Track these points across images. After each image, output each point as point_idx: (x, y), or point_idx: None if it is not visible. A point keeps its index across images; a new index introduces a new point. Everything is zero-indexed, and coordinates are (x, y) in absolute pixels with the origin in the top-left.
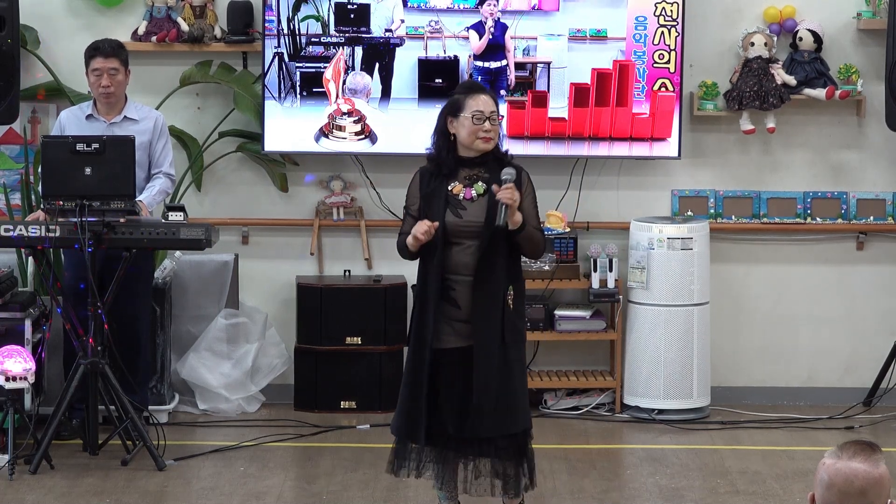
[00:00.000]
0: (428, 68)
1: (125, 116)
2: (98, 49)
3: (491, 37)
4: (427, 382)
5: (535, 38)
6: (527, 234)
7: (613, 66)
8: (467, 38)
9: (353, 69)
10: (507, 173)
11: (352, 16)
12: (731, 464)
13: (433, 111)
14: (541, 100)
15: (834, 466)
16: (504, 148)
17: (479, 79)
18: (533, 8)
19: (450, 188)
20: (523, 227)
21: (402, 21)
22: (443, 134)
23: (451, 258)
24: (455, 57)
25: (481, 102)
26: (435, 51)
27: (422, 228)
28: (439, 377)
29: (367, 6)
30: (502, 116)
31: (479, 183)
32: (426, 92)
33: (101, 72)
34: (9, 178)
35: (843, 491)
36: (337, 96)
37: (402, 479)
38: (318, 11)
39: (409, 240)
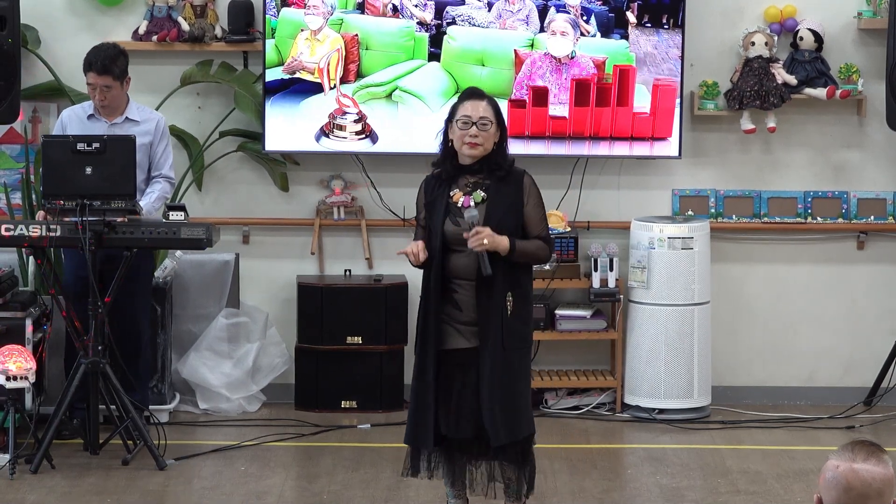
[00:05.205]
0: None
1: (126, 117)
2: (91, 64)
3: None
4: (434, 384)
5: None
6: (522, 253)
7: (614, 71)
8: None
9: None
10: (470, 216)
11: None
12: (732, 463)
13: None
14: (541, 98)
15: (851, 469)
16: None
17: None
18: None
19: (451, 195)
20: (513, 248)
21: None
22: (445, 140)
23: (454, 263)
24: None
25: (469, 107)
26: None
27: (410, 249)
28: (445, 378)
29: None
30: (492, 122)
31: (479, 191)
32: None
33: (94, 86)
34: (9, 178)
35: (862, 493)
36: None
37: (412, 479)
38: None
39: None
